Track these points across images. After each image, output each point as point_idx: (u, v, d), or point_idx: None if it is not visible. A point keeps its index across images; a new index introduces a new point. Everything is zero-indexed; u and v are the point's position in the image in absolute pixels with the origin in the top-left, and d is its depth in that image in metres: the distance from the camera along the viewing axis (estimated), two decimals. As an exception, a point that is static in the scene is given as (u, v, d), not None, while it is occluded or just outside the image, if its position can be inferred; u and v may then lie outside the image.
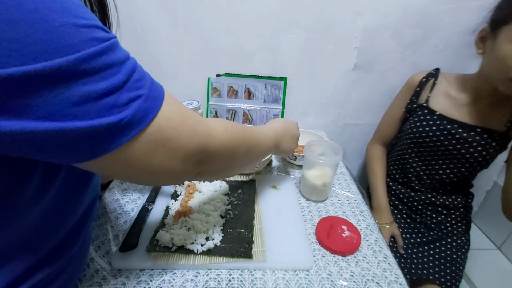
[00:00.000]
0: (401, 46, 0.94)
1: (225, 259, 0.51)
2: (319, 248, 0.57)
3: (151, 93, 0.29)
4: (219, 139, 0.36)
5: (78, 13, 0.23)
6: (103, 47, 0.24)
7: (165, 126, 0.29)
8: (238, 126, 0.43)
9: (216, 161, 0.37)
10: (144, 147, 0.28)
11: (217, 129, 0.36)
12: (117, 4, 0.95)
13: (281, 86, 1.00)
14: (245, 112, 1.03)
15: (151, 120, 0.28)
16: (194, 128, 0.32)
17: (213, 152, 0.35)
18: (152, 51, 0.95)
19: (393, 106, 0.93)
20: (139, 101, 0.27)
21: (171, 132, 0.30)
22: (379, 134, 0.98)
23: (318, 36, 0.92)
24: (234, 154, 0.41)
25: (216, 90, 1.01)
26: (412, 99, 0.85)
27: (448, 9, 0.87)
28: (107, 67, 0.25)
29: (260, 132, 0.50)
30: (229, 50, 0.95)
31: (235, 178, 0.74)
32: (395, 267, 0.53)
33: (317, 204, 0.69)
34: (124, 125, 0.26)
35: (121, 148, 0.26)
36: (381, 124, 0.98)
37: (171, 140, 0.30)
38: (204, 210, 0.61)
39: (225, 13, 0.88)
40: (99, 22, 0.26)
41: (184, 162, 0.32)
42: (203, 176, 0.39)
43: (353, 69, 0.99)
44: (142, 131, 0.27)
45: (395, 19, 0.89)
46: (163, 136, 0.29)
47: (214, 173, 0.42)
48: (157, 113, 0.28)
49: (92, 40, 0.24)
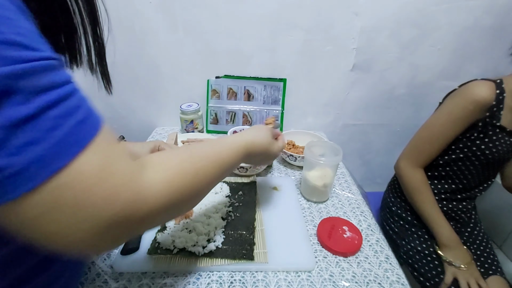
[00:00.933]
0: (399, 46, 0.95)
1: (227, 261, 0.51)
2: (320, 249, 0.57)
3: (66, 137, 0.21)
4: (153, 201, 0.27)
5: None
6: (12, 70, 0.19)
7: (70, 185, 0.21)
8: (193, 163, 0.34)
9: (150, 223, 0.30)
10: (37, 208, 0.21)
11: (155, 187, 0.27)
12: (116, 8, 0.96)
13: (281, 87, 1.00)
14: (245, 114, 1.03)
15: (50, 175, 0.20)
16: (116, 190, 0.24)
17: (145, 218, 0.27)
18: (152, 53, 0.95)
19: (447, 123, 0.73)
20: (40, 147, 0.20)
21: (78, 194, 0.22)
22: (421, 154, 0.78)
23: (316, 37, 0.92)
24: (181, 207, 0.34)
25: (216, 92, 1.02)
26: (486, 120, 0.70)
27: (445, 8, 0.88)
28: (8, 93, 0.19)
29: (224, 147, 0.43)
30: (228, 52, 0.95)
31: (235, 180, 0.74)
32: (397, 267, 0.53)
33: (318, 205, 0.69)
34: (10, 175, 0.19)
35: (5, 205, 0.20)
36: (426, 142, 0.77)
37: (75, 205, 0.22)
38: (205, 212, 0.61)
39: (224, 15, 0.88)
40: (29, 38, 0.21)
41: (97, 234, 0.23)
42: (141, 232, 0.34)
43: (352, 69, 0.99)
44: (35, 188, 0.20)
45: (393, 19, 0.90)
46: (64, 199, 0.21)
47: (156, 226, 0.33)
48: (64, 165, 0.21)
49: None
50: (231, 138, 0.47)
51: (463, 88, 0.73)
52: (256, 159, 0.53)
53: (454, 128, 0.73)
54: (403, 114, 1.09)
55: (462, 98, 0.71)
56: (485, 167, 0.76)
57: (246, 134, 0.50)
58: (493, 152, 0.72)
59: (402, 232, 0.86)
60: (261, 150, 0.51)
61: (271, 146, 0.54)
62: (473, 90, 0.69)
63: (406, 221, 0.86)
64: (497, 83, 0.68)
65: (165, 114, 1.09)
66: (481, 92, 0.68)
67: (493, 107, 0.68)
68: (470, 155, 0.74)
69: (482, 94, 0.68)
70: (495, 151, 0.71)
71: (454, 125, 0.72)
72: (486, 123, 0.70)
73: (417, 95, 1.05)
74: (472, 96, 0.69)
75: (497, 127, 0.70)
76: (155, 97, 1.05)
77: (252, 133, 0.51)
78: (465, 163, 0.76)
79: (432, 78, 1.01)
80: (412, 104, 1.07)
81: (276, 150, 0.56)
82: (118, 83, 1.01)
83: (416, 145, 0.79)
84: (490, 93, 0.68)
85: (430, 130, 0.76)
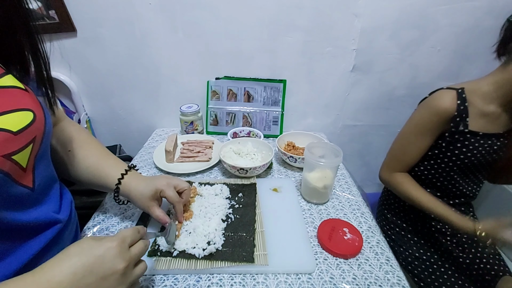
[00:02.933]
0: (399, 47, 0.95)
1: (227, 264, 0.51)
2: (321, 251, 0.56)
3: None
4: None
5: None
6: None
7: None
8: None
9: None
10: None
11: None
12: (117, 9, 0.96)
13: (281, 88, 1.00)
14: (245, 115, 1.03)
15: None
16: None
17: None
18: (152, 55, 0.95)
19: (416, 135, 0.76)
20: None
21: None
22: (400, 163, 0.80)
23: (316, 38, 0.92)
24: None
25: (216, 93, 1.02)
26: (451, 130, 0.72)
27: (445, 10, 0.88)
28: None
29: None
30: (228, 53, 0.95)
31: (235, 182, 0.74)
32: (398, 269, 0.53)
33: (318, 206, 0.69)
34: None
35: None
36: (400, 153, 0.80)
37: None
38: (205, 214, 0.60)
39: (224, 16, 0.88)
40: None
41: None
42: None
43: (352, 70, 0.99)
44: None
45: (392, 21, 0.90)
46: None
47: None
48: None
49: None
50: (18, 281, 0.30)
51: (429, 99, 0.74)
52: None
53: (423, 138, 0.75)
54: (403, 115, 1.08)
55: (426, 110, 0.74)
56: (470, 172, 0.76)
57: (56, 263, 0.32)
58: (469, 157, 0.72)
59: (400, 239, 0.86)
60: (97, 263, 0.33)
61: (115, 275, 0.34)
62: (435, 102, 0.72)
63: (402, 227, 0.87)
64: (458, 93, 0.70)
65: (165, 116, 1.09)
66: (443, 104, 0.70)
67: (456, 117, 0.70)
68: (449, 163, 0.75)
69: (444, 106, 0.70)
70: (470, 155, 0.72)
71: (423, 136, 0.75)
72: (452, 133, 0.72)
73: (417, 96, 1.04)
74: (435, 108, 0.71)
75: (467, 133, 0.71)
76: (155, 98, 1.05)
77: (72, 258, 0.32)
78: (446, 170, 0.77)
79: (432, 79, 1.01)
80: (412, 105, 1.06)
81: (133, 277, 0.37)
82: (118, 85, 1.02)
83: (393, 154, 0.82)
84: (451, 104, 0.69)
85: (402, 140, 0.79)
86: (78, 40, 0.92)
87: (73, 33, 0.90)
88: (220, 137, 1.01)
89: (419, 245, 0.82)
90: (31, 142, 0.35)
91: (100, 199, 0.70)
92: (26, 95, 0.37)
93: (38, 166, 0.39)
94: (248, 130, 0.98)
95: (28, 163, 0.36)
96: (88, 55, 0.95)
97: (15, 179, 0.34)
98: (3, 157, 0.31)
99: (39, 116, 0.37)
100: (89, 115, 1.09)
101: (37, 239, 0.38)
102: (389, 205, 0.92)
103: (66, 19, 0.86)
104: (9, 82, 0.36)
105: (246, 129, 0.99)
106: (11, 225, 0.34)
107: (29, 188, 0.37)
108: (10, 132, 0.32)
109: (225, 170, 0.82)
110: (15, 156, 0.33)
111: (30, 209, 0.38)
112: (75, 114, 1.05)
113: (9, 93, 0.35)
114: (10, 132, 0.32)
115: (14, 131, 0.33)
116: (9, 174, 0.33)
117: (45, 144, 0.40)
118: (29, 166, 0.36)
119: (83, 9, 0.86)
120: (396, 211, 0.88)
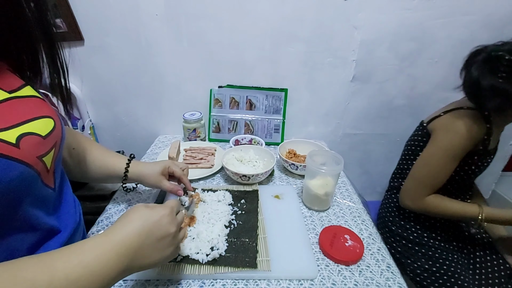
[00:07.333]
0: (398, 59, 0.97)
1: (230, 269, 0.51)
2: (322, 257, 0.57)
3: None
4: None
5: None
6: None
7: None
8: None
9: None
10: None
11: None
12: (123, 19, 0.98)
13: (282, 97, 1.02)
14: (247, 123, 1.05)
15: None
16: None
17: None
18: (156, 63, 0.97)
19: (446, 160, 0.75)
20: None
21: None
22: (430, 188, 0.78)
23: (317, 49, 0.95)
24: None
25: (218, 101, 1.03)
26: (479, 152, 0.76)
27: (442, 23, 0.91)
28: None
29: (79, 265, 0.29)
30: (231, 62, 0.97)
31: (238, 188, 0.75)
32: (398, 276, 0.54)
33: (320, 213, 0.70)
34: None
35: None
36: (429, 179, 0.77)
37: None
38: (209, 219, 0.61)
39: (227, 27, 0.91)
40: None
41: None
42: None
43: (352, 80, 1.01)
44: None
45: (391, 33, 0.93)
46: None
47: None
48: None
49: None
50: (93, 242, 0.33)
51: (457, 124, 0.74)
52: (147, 260, 0.37)
53: (454, 162, 0.75)
54: (402, 124, 1.10)
55: (457, 135, 0.73)
56: (467, 182, 0.82)
57: (122, 226, 0.36)
58: (474, 170, 0.79)
59: (406, 251, 0.85)
60: (153, 249, 0.37)
61: (169, 236, 0.39)
62: (469, 127, 0.72)
63: (409, 240, 0.86)
64: (485, 116, 0.72)
65: (168, 123, 1.11)
66: (477, 130, 0.72)
67: (485, 140, 0.74)
68: (462, 174, 0.80)
69: (478, 131, 0.72)
70: (474, 167, 0.78)
71: (454, 159, 0.75)
72: (480, 154, 0.76)
73: (416, 105, 1.07)
74: (469, 134, 0.72)
75: (487, 152, 0.76)
76: (158, 105, 1.07)
77: (135, 222, 0.37)
78: (466, 183, 0.83)
79: (430, 90, 1.03)
80: (411, 115, 1.09)
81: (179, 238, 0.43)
82: (122, 92, 1.04)
83: (420, 181, 0.78)
84: (483, 128, 0.73)
85: (429, 167, 0.77)
86: (85, 48, 0.94)
87: (80, 42, 0.93)
88: (222, 144, 1.02)
89: (427, 257, 0.81)
90: (54, 146, 0.38)
91: (103, 205, 0.71)
92: (45, 104, 0.39)
93: (56, 169, 0.41)
94: (250, 138, 1.00)
95: (51, 165, 0.38)
96: (94, 63, 0.97)
97: (42, 179, 0.36)
98: (37, 158, 0.34)
99: (57, 123, 0.40)
100: (93, 122, 1.11)
101: (55, 240, 0.40)
102: (392, 217, 0.91)
103: (75, 28, 0.89)
104: (30, 92, 0.38)
105: (248, 136, 1.00)
106: (36, 225, 0.37)
107: (52, 188, 0.40)
108: (40, 136, 0.35)
109: (228, 177, 0.83)
110: (44, 158, 0.36)
111: (51, 209, 0.40)
112: (79, 121, 1.06)
113: (32, 102, 0.37)
114: (41, 136, 0.35)
115: (43, 135, 0.36)
116: (40, 174, 0.35)
117: (62, 148, 0.42)
118: (51, 168, 0.39)
119: (91, 19, 0.89)
120: (402, 224, 0.88)
